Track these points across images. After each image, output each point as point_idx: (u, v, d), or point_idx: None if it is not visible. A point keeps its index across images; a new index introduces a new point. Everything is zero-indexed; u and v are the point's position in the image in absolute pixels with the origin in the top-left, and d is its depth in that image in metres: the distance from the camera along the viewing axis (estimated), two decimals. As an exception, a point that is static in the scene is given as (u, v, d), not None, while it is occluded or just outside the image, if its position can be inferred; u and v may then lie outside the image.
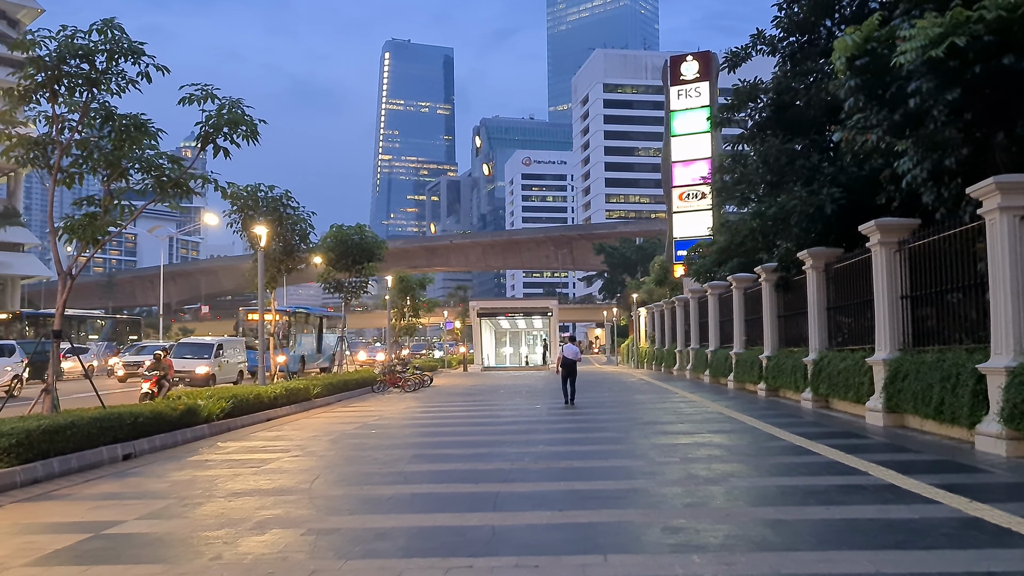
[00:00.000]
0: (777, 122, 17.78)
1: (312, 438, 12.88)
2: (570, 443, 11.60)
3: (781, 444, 10.63)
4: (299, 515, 6.80)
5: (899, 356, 11.98)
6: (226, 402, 14.71)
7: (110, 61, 11.48)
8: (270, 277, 21.71)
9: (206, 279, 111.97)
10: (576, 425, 14.12)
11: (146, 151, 11.31)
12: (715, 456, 9.66)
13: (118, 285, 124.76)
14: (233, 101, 11.73)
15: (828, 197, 14.80)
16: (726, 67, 18.66)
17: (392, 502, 7.36)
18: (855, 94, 10.89)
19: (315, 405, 19.59)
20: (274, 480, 8.71)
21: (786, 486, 7.63)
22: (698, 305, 28.71)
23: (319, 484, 8.36)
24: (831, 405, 15.25)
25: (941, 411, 10.31)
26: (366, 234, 28.03)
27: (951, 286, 10.88)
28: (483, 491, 7.76)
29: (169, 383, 16.96)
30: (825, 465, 8.72)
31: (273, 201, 21.44)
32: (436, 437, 12.90)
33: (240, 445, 12.21)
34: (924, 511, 6.32)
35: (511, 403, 19.90)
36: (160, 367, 16.90)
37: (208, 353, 26.52)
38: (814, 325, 15.98)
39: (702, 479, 8.04)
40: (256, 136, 11.92)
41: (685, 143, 45.94)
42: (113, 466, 10.27)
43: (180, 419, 12.84)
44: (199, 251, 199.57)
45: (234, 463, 10.20)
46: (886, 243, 12.42)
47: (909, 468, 8.21)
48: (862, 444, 10.37)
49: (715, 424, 13.43)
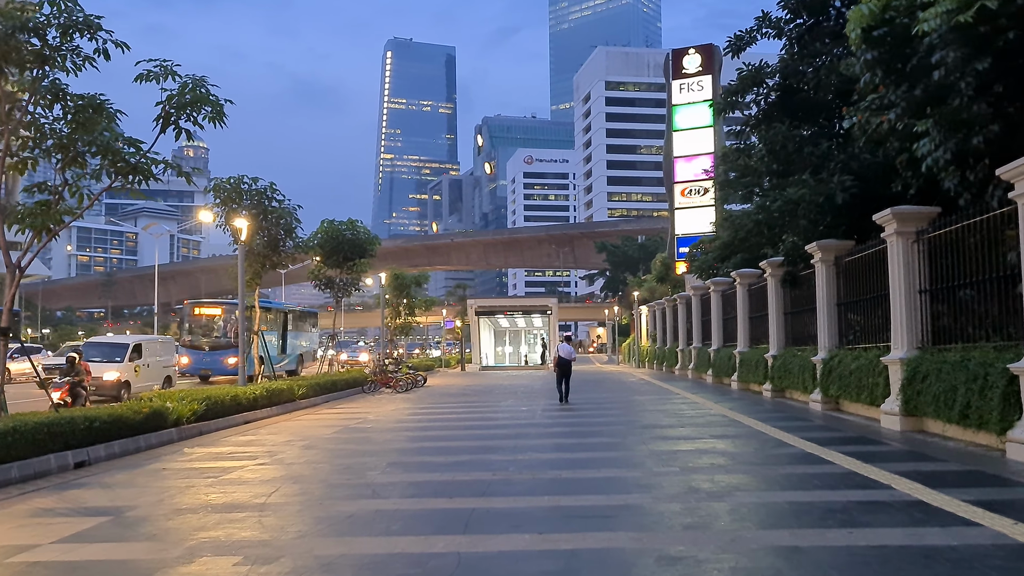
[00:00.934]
0: (784, 108, 16.85)
1: (285, 443, 12.00)
2: (562, 449, 10.70)
3: (791, 451, 9.72)
4: (240, 538, 5.91)
5: (918, 355, 11.06)
6: (198, 404, 13.84)
7: (64, 36, 10.61)
8: (254, 273, 20.83)
9: (206, 277, 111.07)
10: (570, 429, 13.21)
11: (103, 133, 10.38)
12: (718, 466, 8.75)
13: (118, 284, 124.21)
14: (196, 80, 10.83)
15: (839, 185, 13.86)
16: (729, 51, 17.71)
17: (351, 521, 6.46)
18: (871, 69, 9.97)
19: (300, 407, 18.71)
20: (228, 493, 7.83)
21: (799, 503, 6.72)
22: (700, 303, 27.78)
23: (276, 498, 7.48)
24: (842, 407, 14.34)
25: (966, 415, 9.40)
26: (358, 230, 27.14)
27: (976, 279, 9.97)
28: (457, 508, 6.86)
29: (86, 391, 15.02)
30: (841, 477, 7.81)
31: (257, 194, 20.57)
32: (418, 442, 12.01)
33: (206, 451, 11.33)
34: (963, 536, 5.41)
35: (504, 404, 19.01)
36: (75, 372, 14.88)
37: (120, 355, 20.88)
38: (823, 322, 15.06)
39: (704, 494, 7.14)
40: (222, 118, 11.03)
41: (687, 138, 45.02)
42: (61, 476, 9.39)
43: (144, 423, 11.97)
44: (200, 250, 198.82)
45: (192, 473, 9.32)
46: (903, 233, 11.49)
47: (936, 480, 7.30)
48: (880, 451, 9.46)
49: (718, 428, 12.52)
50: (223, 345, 29.40)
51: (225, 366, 28.42)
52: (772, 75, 17.16)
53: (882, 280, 12.33)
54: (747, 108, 17.66)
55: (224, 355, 28.90)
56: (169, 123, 10.80)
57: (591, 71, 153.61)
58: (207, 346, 29.80)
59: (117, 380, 19.97)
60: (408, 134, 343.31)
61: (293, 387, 18.99)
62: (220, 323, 30.27)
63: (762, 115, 17.28)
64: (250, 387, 16.92)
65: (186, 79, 10.75)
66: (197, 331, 30.38)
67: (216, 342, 29.87)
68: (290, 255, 21.47)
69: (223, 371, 28.29)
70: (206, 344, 29.89)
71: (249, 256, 20.60)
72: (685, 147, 44.98)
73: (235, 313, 28.01)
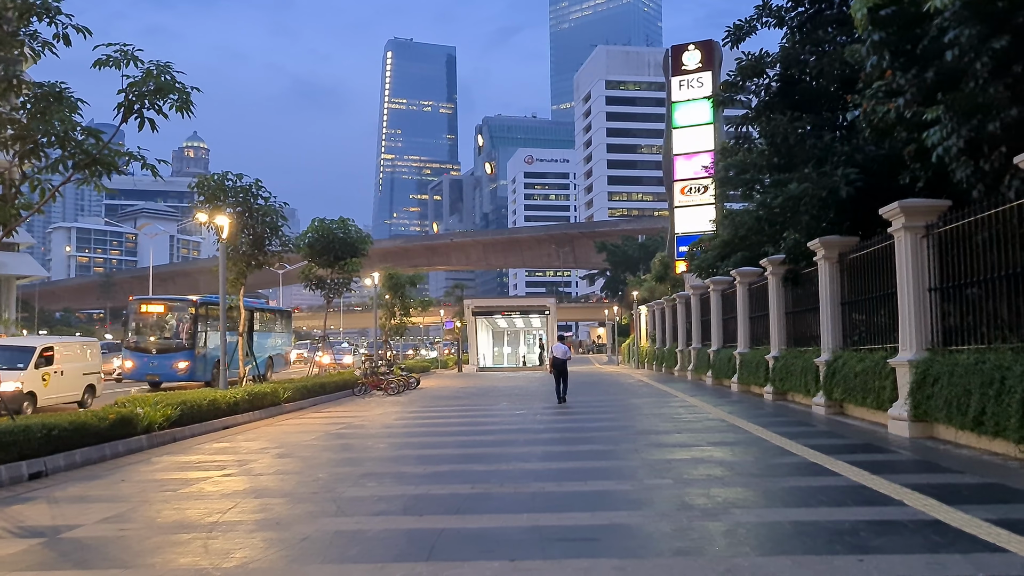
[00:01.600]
0: (785, 99, 16.19)
1: (260, 451, 11.37)
2: (549, 458, 10.05)
3: (793, 461, 9.08)
4: (174, 567, 5.28)
5: (927, 357, 10.41)
6: (172, 409, 13.20)
7: (20, 20, 9.99)
8: (239, 273, 20.20)
9: (204, 278, 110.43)
10: (560, 435, 12.56)
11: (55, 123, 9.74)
12: (715, 477, 8.10)
13: (117, 285, 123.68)
14: (161, 66, 10.18)
15: (843, 178, 13.20)
16: (729, 41, 17.06)
17: (304, 545, 5.82)
18: (878, 51, 9.31)
19: (285, 411, 18.09)
20: (181, 510, 7.20)
21: (803, 522, 6.07)
22: (700, 302, 27.13)
23: (231, 516, 6.85)
24: (846, 411, 13.69)
25: (981, 422, 8.75)
26: (350, 228, 26.53)
27: (990, 275, 9.32)
28: (425, 528, 6.23)
29: None
30: (849, 491, 7.17)
31: (242, 191, 19.93)
32: (398, 450, 11.36)
33: (174, 461, 10.70)
34: (990, 564, 4.78)
35: (496, 408, 18.37)
36: None
37: (24, 361, 17.02)
38: (827, 322, 14.41)
39: (698, 511, 6.50)
40: (189, 107, 10.37)
41: (687, 135, 44.34)
42: (11, 488, 8.76)
43: (111, 430, 11.33)
44: (200, 250, 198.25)
45: (150, 486, 8.69)
46: (911, 227, 10.84)
47: (953, 496, 6.66)
48: (889, 461, 8.82)
49: (717, 434, 11.88)
50: (174, 347, 25.33)
51: (175, 371, 24.80)
52: (772, 65, 16.50)
53: (889, 278, 11.69)
54: (747, 94, 16.98)
55: (174, 359, 25.03)
56: (132, 112, 10.15)
57: (591, 70, 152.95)
58: (155, 348, 25.41)
59: (16, 391, 16.03)
60: (409, 134, 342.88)
61: (278, 390, 18.36)
62: (172, 323, 26.09)
63: (762, 106, 16.62)
64: (231, 391, 16.28)
65: (149, 65, 10.11)
66: (145, 331, 26.03)
67: (166, 343, 25.52)
68: (277, 254, 20.79)
69: (172, 377, 24.75)
70: (154, 346, 25.48)
71: (233, 255, 20.00)
72: (685, 144, 44.29)
73: (189, 311, 25.48)
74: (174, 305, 26.73)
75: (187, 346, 25.17)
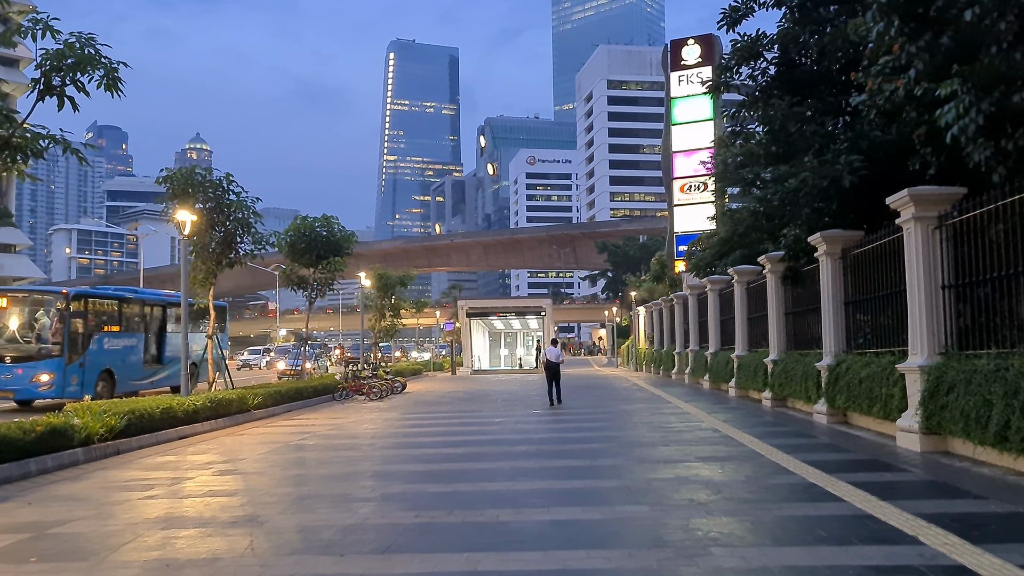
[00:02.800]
0: (784, 82, 15.10)
1: (203, 467, 10.31)
2: (517, 476, 8.94)
3: (790, 482, 7.97)
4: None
5: (941, 362, 9.30)
6: (117, 419, 12.13)
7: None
8: (207, 272, 19.13)
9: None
10: (536, 448, 11.44)
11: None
12: (699, 504, 7.00)
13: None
14: (84, 38, 9.14)
15: (846, 167, 12.09)
16: (724, 24, 15.96)
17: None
18: (886, 16, 8.20)
19: (254, 418, 17.02)
20: (68, 541, 6.13)
21: (798, 568, 4.97)
22: (698, 303, 26.02)
23: (122, 554, 5.77)
24: (850, 420, 12.59)
25: (1005, 437, 7.65)
26: (333, 227, 25.45)
27: (1011, 271, 8.24)
28: (341, 575, 5.15)
29: None
30: (854, 522, 6.07)
31: (212, 185, 18.89)
32: (353, 464, 10.26)
33: (104, 478, 9.63)
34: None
35: (479, 415, 17.29)
36: None
37: None
38: (829, 323, 13.30)
39: (673, 550, 5.41)
40: (117, 85, 9.33)
41: (686, 132, 43.32)
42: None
43: (38, 443, 10.24)
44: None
45: (55, 511, 7.61)
46: (922, 218, 9.73)
47: (979, 531, 5.57)
48: (899, 482, 7.72)
49: (707, 447, 10.77)
50: (35, 354, 19.30)
51: (35, 385, 19.01)
52: (770, 47, 15.40)
53: (897, 274, 10.59)
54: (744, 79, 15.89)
55: (35, 369, 19.04)
56: (51, 90, 9.11)
57: (593, 70, 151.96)
58: (8, 356, 19.21)
59: None
60: (411, 136, 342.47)
61: (246, 396, 17.29)
62: (33, 321, 19.96)
63: (760, 92, 15.53)
64: (191, 397, 15.21)
65: (70, 37, 9.06)
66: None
67: (25, 350, 19.40)
68: (248, 253, 19.71)
69: (32, 393, 19.23)
70: (7, 354, 19.26)
71: (203, 254, 18.96)
72: (684, 141, 43.26)
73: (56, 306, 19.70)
74: (35, 298, 21.03)
75: (54, 353, 19.20)
